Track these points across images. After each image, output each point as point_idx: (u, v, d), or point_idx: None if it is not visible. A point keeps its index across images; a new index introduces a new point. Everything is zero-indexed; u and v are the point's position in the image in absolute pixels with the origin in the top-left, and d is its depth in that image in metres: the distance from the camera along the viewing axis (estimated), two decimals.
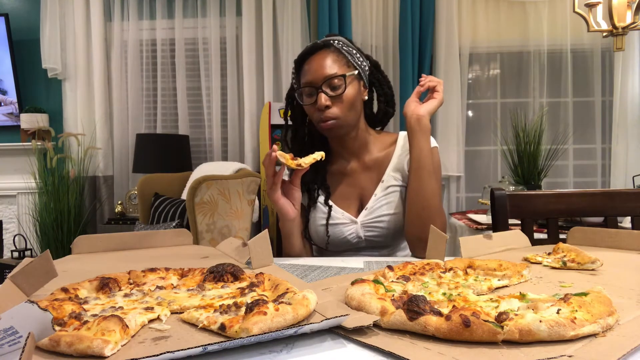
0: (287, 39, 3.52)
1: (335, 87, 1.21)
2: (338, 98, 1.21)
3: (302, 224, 1.32)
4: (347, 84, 1.22)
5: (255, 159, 3.55)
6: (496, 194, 1.34)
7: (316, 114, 1.24)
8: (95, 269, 0.84)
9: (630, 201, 1.33)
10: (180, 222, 2.74)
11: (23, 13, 3.76)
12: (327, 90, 1.21)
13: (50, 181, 3.42)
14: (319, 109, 1.21)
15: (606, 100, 3.57)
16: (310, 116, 1.28)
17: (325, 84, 1.20)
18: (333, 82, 1.21)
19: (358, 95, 1.26)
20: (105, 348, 0.47)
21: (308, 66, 1.24)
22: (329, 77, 1.20)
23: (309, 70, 1.23)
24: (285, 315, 0.52)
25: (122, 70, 3.71)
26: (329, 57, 1.23)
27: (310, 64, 1.23)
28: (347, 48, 1.26)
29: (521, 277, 0.76)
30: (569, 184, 3.58)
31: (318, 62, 1.22)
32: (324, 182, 1.33)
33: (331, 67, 1.21)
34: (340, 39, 1.28)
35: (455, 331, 0.49)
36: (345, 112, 1.23)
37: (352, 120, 1.26)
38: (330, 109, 1.21)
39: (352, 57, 1.26)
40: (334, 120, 1.22)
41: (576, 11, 2.64)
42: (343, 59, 1.24)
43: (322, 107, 1.20)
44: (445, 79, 3.48)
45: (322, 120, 1.23)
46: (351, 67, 1.25)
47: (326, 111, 1.21)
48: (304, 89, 1.24)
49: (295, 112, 1.34)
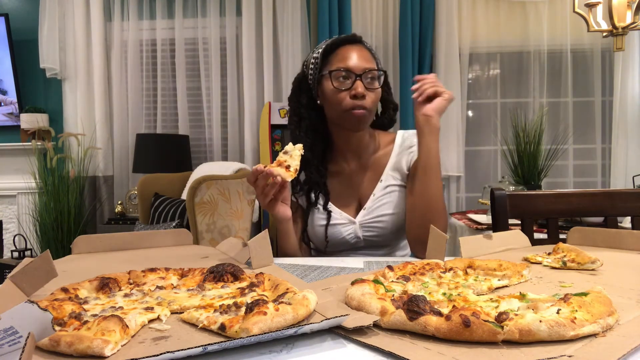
0: (287, 39, 3.52)
1: (373, 79, 1.23)
2: (372, 91, 1.23)
3: (301, 227, 1.32)
4: (380, 82, 1.25)
5: (255, 159, 3.55)
6: (496, 194, 1.33)
7: (347, 100, 1.21)
8: (95, 269, 0.83)
9: (630, 201, 1.33)
10: (180, 222, 2.74)
11: (23, 13, 3.75)
12: (366, 81, 1.22)
13: (50, 181, 3.42)
14: (355, 96, 1.20)
15: (606, 100, 3.57)
16: (338, 102, 1.22)
17: (365, 74, 1.21)
18: (372, 74, 1.23)
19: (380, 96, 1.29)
20: (105, 348, 0.47)
21: (346, 53, 1.23)
22: (370, 69, 1.22)
23: (348, 57, 1.22)
24: (285, 315, 0.52)
25: (122, 71, 3.70)
26: (366, 51, 1.25)
27: (348, 52, 1.24)
28: (374, 52, 1.29)
29: (521, 277, 0.76)
30: (569, 184, 3.58)
31: (359, 52, 1.24)
32: (324, 187, 1.32)
33: (370, 61, 1.24)
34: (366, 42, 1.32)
35: (455, 331, 0.49)
36: (373, 106, 1.25)
37: (372, 118, 1.28)
38: (365, 99, 1.21)
39: (378, 62, 1.29)
40: (365, 110, 1.22)
41: (576, 11, 2.64)
42: (375, 60, 1.27)
43: (359, 95, 1.20)
44: (445, 79, 3.48)
45: (355, 107, 1.21)
46: (380, 70, 1.27)
47: (362, 99, 1.21)
48: (339, 71, 1.22)
49: (302, 100, 1.31)
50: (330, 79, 1.23)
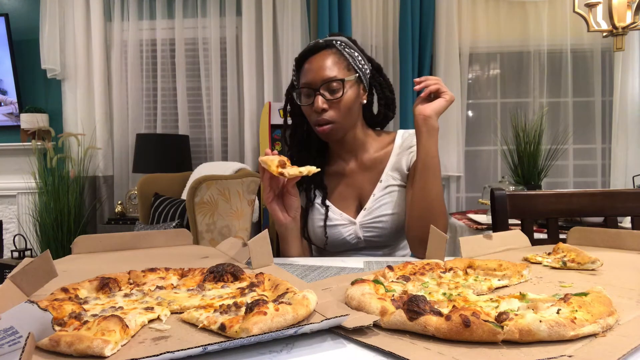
0: (287, 39, 3.52)
1: (333, 90, 1.19)
2: (335, 102, 1.19)
3: (301, 224, 1.31)
4: (346, 88, 1.20)
5: (255, 159, 3.55)
6: (496, 194, 1.33)
7: (313, 115, 1.22)
8: (95, 269, 0.83)
9: (630, 201, 1.33)
10: (180, 222, 2.74)
11: (23, 13, 3.75)
12: (325, 93, 1.19)
13: (50, 181, 3.42)
14: (316, 112, 1.20)
15: (606, 100, 3.57)
16: (308, 117, 1.26)
17: (324, 86, 1.18)
18: (332, 85, 1.18)
19: (356, 99, 1.24)
20: (105, 348, 0.47)
21: (308, 66, 1.21)
22: (327, 80, 1.18)
23: (309, 70, 1.21)
24: (285, 315, 0.52)
25: (122, 70, 3.71)
26: (329, 58, 1.20)
27: (310, 64, 1.21)
28: (349, 50, 1.24)
29: (521, 277, 0.76)
30: (569, 184, 3.58)
31: (318, 63, 1.20)
32: (320, 183, 1.32)
33: (331, 70, 1.19)
34: (343, 39, 1.26)
35: (455, 331, 0.49)
36: (341, 116, 1.21)
37: (349, 124, 1.25)
38: (327, 112, 1.19)
39: (353, 60, 1.24)
40: (330, 125, 1.21)
41: (576, 11, 2.64)
42: (344, 62, 1.22)
43: (318, 110, 1.19)
44: (445, 79, 3.48)
45: (319, 123, 1.21)
46: (351, 70, 1.23)
47: (323, 114, 1.19)
48: (303, 89, 1.22)
49: (294, 109, 1.33)
50: (300, 95, 1.24)
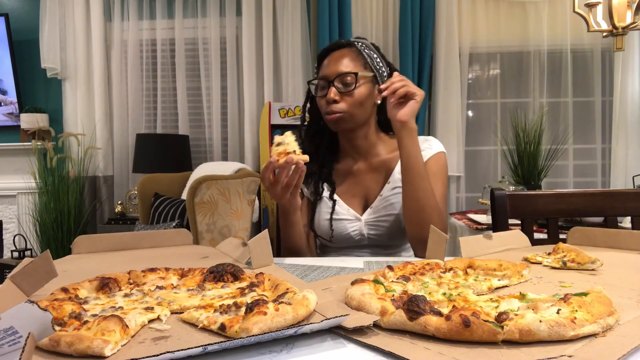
0: (287, 39, 3.52)
1: (347, 83, 1.25)
2: (348, 94, 1.25)
3: (308, 217, 1.35)
4: (359, 83, 1.26)
5: (255, 159, 3.55)
6: (496, 194, 1.34)
7: (324, 106, 1.28)
8: (95, 269, 0.83)
9: (630, 201, 1.33)
10: (180, 222, 2.74)
11: (23, 13, 3.75)
12: (339, 86, 1.26)
13: (50, 181, 3.42)
14: (327, 102, 1.26)
15: (606, 100, 3.57)
16: (320, 108, 1.32)
17: (338, 79, 1.25)
18: (345, 78, 1.25)
19: (369, 96, 1.29)
20: (105, 348, 0.47)
21: (327, 61, 1.30)
22: (342, 74, 1.25)
23: (327, 64, 1.29)
24: (285, 315, 0.52)
25: (122, 70, 3.71)
26: (347, 55, 1.28)
27: (328, 59, 1.30)
28: (368, 51, 1.31)
29: (521, 277, 0.76)
30: (569, 184, 3.58)
31: (336, 58, 1.28)
32: (328, 177, 1.37)
33: (347, 65, 1.26)
34: (364, 42, 1.33)
35: (455, 331, 0.49)
36: (352, 108, 1.26)
37: (359, 118, 1.29)
38: (338, 103, 1.26)
39: (371, 60, 1.30)
40: (339, 114, 1.26)
41: (576, 11, 2.64)
42: (361, 60, 1.29)
43: (330, 100, 1.25)
44: (445, 79, 3.49)
45: (328, 112, 1.27)
46: (368, 69, 1.29)
47: (333, 105, 1.26)
48: (318, 81, 1.31)
49: (312, 105, 1.39)
50: (316, 87, 1.31)
